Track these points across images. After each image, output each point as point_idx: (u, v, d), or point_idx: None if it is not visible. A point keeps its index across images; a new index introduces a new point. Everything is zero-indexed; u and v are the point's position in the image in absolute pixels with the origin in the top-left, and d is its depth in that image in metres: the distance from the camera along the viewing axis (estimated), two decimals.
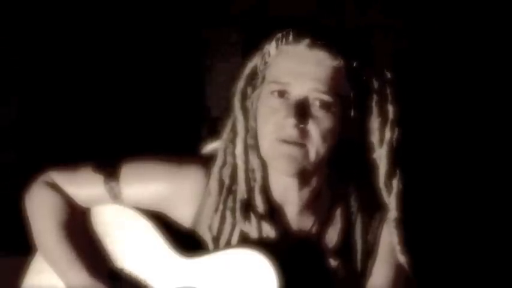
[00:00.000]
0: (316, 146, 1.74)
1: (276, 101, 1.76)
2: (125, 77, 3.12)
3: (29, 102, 3.03)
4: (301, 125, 1.73)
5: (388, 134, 1.80)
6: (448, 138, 3.00)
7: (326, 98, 1.74)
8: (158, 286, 1.83)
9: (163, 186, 1.84)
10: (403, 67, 2.86)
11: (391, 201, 1.81)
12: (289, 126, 1.73)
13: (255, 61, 1.85)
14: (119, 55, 3.11)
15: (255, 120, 1.81)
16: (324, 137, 1.74)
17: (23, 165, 2.89)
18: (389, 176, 1.80)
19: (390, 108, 1.80)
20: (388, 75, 1.82)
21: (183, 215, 1.85)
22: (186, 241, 1.84)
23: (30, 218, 1.89)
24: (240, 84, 1.85)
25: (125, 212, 1.87)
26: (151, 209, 1.86)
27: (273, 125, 1.75)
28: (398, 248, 1.82)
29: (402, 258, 1.82)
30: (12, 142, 2.97)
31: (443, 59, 3.04)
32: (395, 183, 1.81)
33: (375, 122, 1.81)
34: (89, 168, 1.87)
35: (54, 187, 1.88)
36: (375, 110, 1.80)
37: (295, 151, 1.74)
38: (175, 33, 3.20)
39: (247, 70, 1.85)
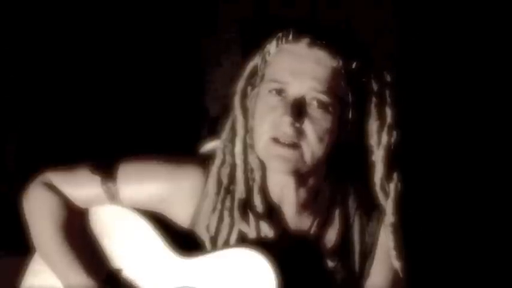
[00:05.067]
0: (311, 146, 1.73)
1: (273, 99, 1.75)
2: (124, 78, 3.12)
3: (27, 103, 3.03)
4: (297, 124, 1.72)
5: (385, 138, 1.78)
6: (447, 142, 3.00)
7: (323, 98, 1.72)
8: (156, 286, 1.82)
9: (161, 186, 1.83)
10: (403, 70, 2.86)
11: (387, 205, 1.80)
12: (284, 124, 1.72)
13: (256, 60, 1.84)
14: (118, 56, 3.12)
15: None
16: (320, 138, 1.73)
17: (21, 165, 2.90)
18: (386, 179, 1.79)
19: (388, 112, 1.79)
20: (388, 77, 1.80)
21: (181, 214, 1.85)
22: (184, 241, 1.83)
23: (27, 219, 1.88)
24: (241, 83, 1.84)
25: (123, 212, 1.87)
26: (149, 209, 1.86)
27: (269, 123, 1.74)
28: (393, 253, 1.80)
29: (397, 264, 1.81)
30: (10, 142, 2.98)
31: (443, 63, 3.04)
32: (392, 187, 1.79)
33: (373, 125, 1.79)
34: (86, 169, 1.87)
35: (52, 188, 1.87)
36: (373, 112, 1.79)
37: (289, 153, 1.73)
38: (175, 33, 3.21)
39: (248, 69, 1.85)
